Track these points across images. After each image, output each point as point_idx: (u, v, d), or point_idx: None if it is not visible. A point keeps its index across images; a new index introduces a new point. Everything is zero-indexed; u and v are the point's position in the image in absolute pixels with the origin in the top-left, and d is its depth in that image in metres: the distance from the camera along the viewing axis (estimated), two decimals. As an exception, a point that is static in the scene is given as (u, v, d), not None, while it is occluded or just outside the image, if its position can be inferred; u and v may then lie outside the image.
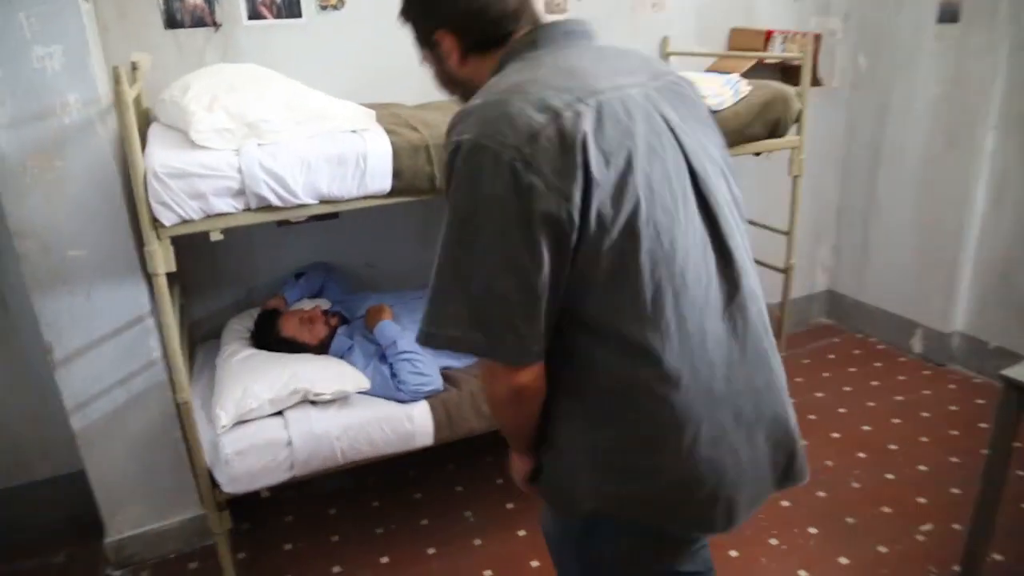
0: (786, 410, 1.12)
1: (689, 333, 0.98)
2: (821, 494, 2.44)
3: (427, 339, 0.98)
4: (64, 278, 1.96)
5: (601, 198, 0.91)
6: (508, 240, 0.91)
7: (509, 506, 2.45)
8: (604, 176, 0.91)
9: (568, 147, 0.90)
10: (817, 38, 3.13)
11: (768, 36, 2.99)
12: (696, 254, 1.00)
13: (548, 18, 1.08)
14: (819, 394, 3.05)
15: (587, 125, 0.91)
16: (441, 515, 2.43)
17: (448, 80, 1.16)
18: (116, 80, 1.56)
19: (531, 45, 1.04)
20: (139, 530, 2.29)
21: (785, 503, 2.40)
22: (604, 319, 0.98)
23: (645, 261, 0.94)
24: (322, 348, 2.27)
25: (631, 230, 0.93)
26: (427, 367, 2.08)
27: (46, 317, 1.99)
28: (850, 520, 2.32)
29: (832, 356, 3.37)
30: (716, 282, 1.02)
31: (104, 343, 2.05)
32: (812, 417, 2.88)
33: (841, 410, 2.93)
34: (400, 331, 2.14)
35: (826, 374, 3.21)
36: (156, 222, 1.68)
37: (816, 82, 3.05)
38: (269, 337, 2.25)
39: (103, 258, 1.99)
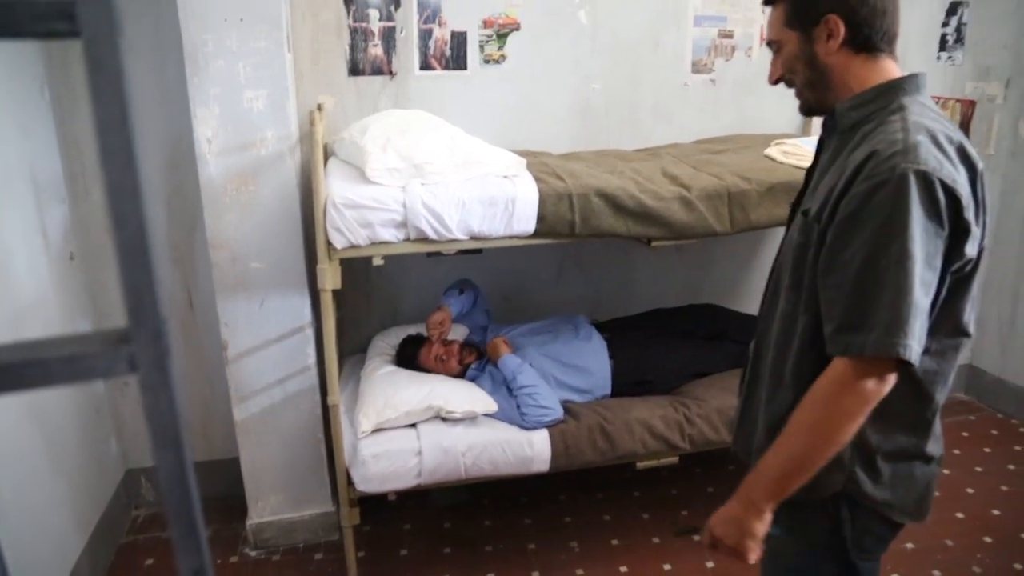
0: None
1: None
2: (936, 573, 2.37)
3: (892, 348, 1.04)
4: (245, 286, 2.26)
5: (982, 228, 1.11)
6: (933, 254, 1.05)
7: (614, 542, 2.52)
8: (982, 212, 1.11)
9: (974, 180, 1.09)
10: (970, 104, 3.07)
11: (917, 102, 2.96)
12: None
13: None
14: (946, 471, 2.93)
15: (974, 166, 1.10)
16: (548, 542, 2.54)
17: (806, 61, 1.19)
18: (311, 122, 1.83)
19: (916, 89, 1.16)
20: (276, 517, 2.53)
21: (898, 578, 2.34)
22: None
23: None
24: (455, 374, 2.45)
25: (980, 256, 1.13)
26: (547, 399, 2.21)
27: (226, 318, 2.29)
28: (967, 605, 2.24)
29: (965, 434, 3.22)
30: None
31: (269, 346, 2.33)
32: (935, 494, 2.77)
33: (969, 490, 2.80)
34: (520, 365, 2.28)
35: (956, 451, 3.07)
36: (330, 245, 1.92)
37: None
38: (409, 362, 2.46)
39: (278, 272, 2.27)
